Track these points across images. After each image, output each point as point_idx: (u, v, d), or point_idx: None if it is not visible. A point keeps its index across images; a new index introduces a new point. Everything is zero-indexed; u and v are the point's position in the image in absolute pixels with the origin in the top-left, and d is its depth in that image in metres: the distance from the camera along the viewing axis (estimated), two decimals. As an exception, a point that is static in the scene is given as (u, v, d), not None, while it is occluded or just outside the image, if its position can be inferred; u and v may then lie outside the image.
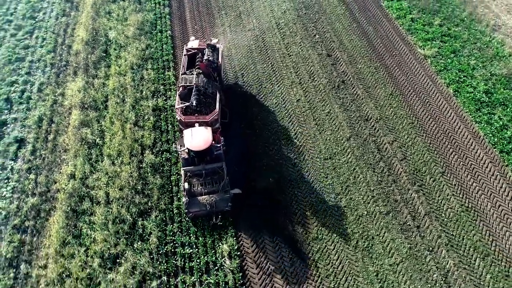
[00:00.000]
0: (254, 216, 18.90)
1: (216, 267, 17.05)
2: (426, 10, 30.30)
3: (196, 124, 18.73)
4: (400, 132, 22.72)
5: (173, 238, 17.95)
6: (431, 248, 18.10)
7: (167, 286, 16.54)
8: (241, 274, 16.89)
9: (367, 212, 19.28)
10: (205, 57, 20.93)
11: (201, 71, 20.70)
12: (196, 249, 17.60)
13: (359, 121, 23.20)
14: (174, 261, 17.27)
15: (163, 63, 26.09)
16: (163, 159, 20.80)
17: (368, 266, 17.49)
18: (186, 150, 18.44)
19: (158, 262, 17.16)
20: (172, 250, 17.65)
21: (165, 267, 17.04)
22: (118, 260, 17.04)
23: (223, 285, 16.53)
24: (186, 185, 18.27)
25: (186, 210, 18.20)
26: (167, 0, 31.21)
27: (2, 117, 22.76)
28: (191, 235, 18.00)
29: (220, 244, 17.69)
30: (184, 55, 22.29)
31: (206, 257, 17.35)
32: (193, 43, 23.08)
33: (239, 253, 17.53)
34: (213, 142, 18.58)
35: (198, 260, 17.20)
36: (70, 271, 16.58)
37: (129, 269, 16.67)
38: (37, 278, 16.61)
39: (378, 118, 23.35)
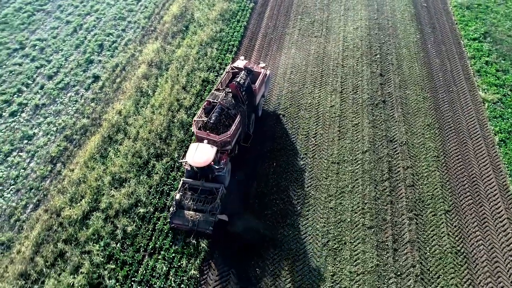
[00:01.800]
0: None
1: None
2: (507, 57, 28.46)
3: (205, 141, 19.13)
4: (421, 161, 22.20)
5: (173, 182, 20.67)
6: (399, 273, 17.70)
7: (151, 216, 19.27)
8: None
9: (350, 220, 19.54)
10: (238, 79, 20.94)
11: (230, 91, 20.83)
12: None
13: (383, 140, 23.23)
14: (164, 200, 19.97)
15: (228, 46, 29.30)
16: (191, 120, 23.76)
17: (328, 265, 17.90)
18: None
19: (152, 196, 20.02)
20: (167, 191, 20.38)
21: (156, 201, 19.82)
22: (123, 184, 20.35)
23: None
24: (178, 196, 18.55)
25: (169, 220, 18.43)
26: (255, -3, 34.64)
27: (91, 57, 28.26)
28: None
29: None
30: (227, 71, 22.65)
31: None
32: (240, 63, 23.29)
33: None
34: (212, 162, 18.54)
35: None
36: (87, 179, 20.39)
37: (128, 192, 19.84)
38: (64, 177, 20.79)
39: (404, 142, 23.09)
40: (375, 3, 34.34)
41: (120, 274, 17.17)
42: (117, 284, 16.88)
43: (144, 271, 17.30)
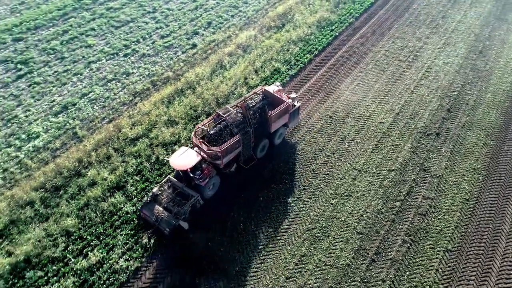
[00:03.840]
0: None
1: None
2: None
3: (195, 148, 19.93)
4: (446, 197, 21.28)
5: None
6: (365, 281, 17.83)
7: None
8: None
9: (344, 220, 20.15)
10: (250, 101, 20.87)
11: (240, 111, 20.67)
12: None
13: (416, 167, 22.83)
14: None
15: (311, 48, 31.72)
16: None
17: (303, 246, 19.00)
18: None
19: (190, 142, 23.76)
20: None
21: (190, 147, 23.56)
22: (173, 125, 24.57)
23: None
24: (155, 189, 19.40)
25: (139, 208, 19.38)
26: (359, 14, 36.16)
27: (198, 30, 33.77)
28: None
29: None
30: (255, 92, 22.23)
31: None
32: (273, 87, 23.39)
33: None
34: (190, 169, 18.88)
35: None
36: (151, 113, 25.23)
37: (174, 132, 23.95)
38: (137, 107, 25.98)
39: (437, 175, 22.33)
40: (481, 45, 32.66)
41: (139, 186, 21.26)
42: (134, 191, 20.98)
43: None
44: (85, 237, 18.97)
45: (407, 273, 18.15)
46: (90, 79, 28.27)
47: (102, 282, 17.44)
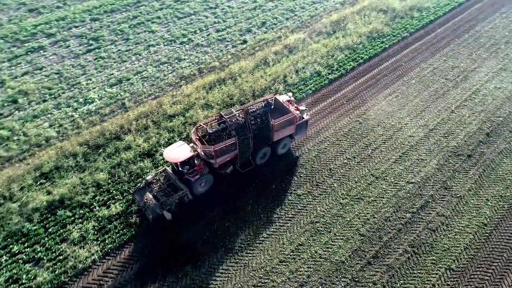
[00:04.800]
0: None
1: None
2: None
3: (191, 144, 20.72)
4: (462, 218, 20.61)
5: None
6: (356, 280, 18.01)
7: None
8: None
9: (349, 221, 20.40)
10: (252, 107, 20.55)
11: (242, 115, 20.47)
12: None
13: (438, 184, 22.32)
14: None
15: (356, 56, 32.04)
16: (286, 91, 28.04)
17: (302, 236, 19.62)
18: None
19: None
20: (232, 128, 25.49)
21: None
22: (209, 109, 26.51)
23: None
24: (149, 177, 20.45)
25: (133, 192, 20.52)
26: (415, 30, 35.65)
27: (252, 28, 35.58)
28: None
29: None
30: (265, 99, 21.58)
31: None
32: (283, 97, 23.43)
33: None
34: (179, 163, 19.59)
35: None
36: (191, 96, 27.40)
37: (207, 115, 25.87)
38: (180, 89, 28.35)
39: (458, 195, 21.68)
40: (543, 75, 30.61)
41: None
42: (162, 161, 23.09)
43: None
44: (111, 191, 21.39)
45: (401, 281, 18.00)
46: (146, 60, 31.31)
47: (117, 231, 19.63)
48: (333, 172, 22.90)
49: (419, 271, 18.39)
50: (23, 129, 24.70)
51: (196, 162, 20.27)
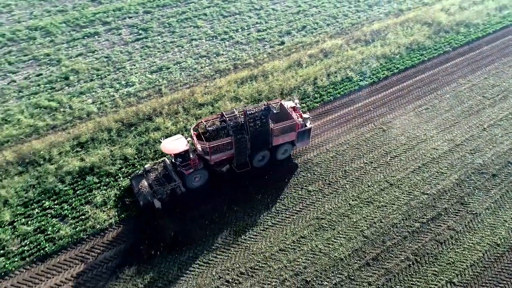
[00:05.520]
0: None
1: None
2: None
3: (189, 139, 21.41)
4: (473, 235, 20.06)
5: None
6: (352, 278, 18.20)
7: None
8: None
9: (355, 222, 20.59)
10: (250, 110, 20.48)
11: (242, 116, 20.88)
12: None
13: (454, 199, 21.85)
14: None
15: (391, 66, 31.89)
16: (314, 93, 28.64)
17: (305, 229, 20.11)
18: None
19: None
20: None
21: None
22: (237, 102, 27.77)
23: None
24: (147, 166, 21.75)
25: (131, 177, 21.68)
26: (459, 45, 34.74)
27: (291, 31, 36.50)
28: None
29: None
30: (269, 102, 21.62)
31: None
32: (289, 103, 23.51)
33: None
34: (174, 154, 20.39)
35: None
36: (221, 89, 28.84)
37: (235, 107, 27.15)
38: (213, 82, 29.91)
39: (473, 212, 21.12)
40: None
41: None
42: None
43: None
44: (136, 165, 23.21)
45: (398, 286, 17.95)
46: (187, 52, 33.29)
47: (135, 200, 21.33)
48: (347, 174, 23.15)
49: (418, 280, 18.22)
50: (70, 102, 27.41)
51: (191, 156, 20.90)
